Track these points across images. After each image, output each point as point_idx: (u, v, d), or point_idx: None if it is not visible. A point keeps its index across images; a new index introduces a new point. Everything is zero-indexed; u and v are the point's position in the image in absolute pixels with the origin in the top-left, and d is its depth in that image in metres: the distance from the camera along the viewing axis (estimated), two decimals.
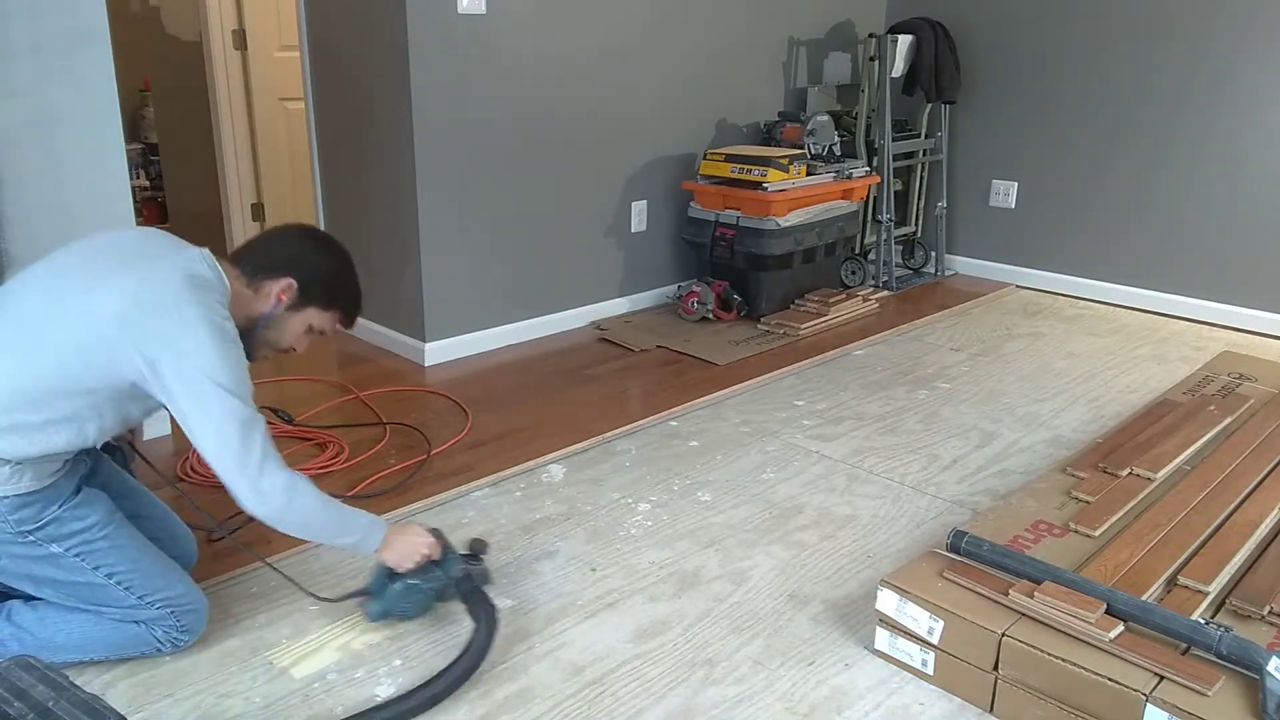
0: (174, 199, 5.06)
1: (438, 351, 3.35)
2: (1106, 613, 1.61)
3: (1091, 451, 2.38)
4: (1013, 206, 4.39)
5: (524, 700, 1.69)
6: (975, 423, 2.90)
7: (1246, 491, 2.13)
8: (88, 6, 2.31)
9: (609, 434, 2.76)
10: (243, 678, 1.73)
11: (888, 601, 1.78)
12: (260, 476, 1.57)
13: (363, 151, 3.37)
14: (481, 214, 3.36)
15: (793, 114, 4.13)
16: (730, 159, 3.71)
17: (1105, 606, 1.62)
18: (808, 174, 3.79)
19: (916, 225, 4.58)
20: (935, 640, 1.72)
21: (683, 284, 3.89)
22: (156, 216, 5.30)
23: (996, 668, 1.65)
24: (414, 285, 3.29)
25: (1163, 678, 1.51)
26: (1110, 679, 1.51)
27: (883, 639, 1.80)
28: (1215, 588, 1.78)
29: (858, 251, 4.33)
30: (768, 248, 3.65)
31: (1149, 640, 1.59)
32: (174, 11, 4.73)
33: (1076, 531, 1.98)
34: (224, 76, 4.35)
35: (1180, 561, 1.85)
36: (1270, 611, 1.70)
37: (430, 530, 1.83)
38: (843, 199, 3.95)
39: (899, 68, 4.20)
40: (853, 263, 4.31)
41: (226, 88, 4.37)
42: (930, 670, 1.74)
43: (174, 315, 1.55)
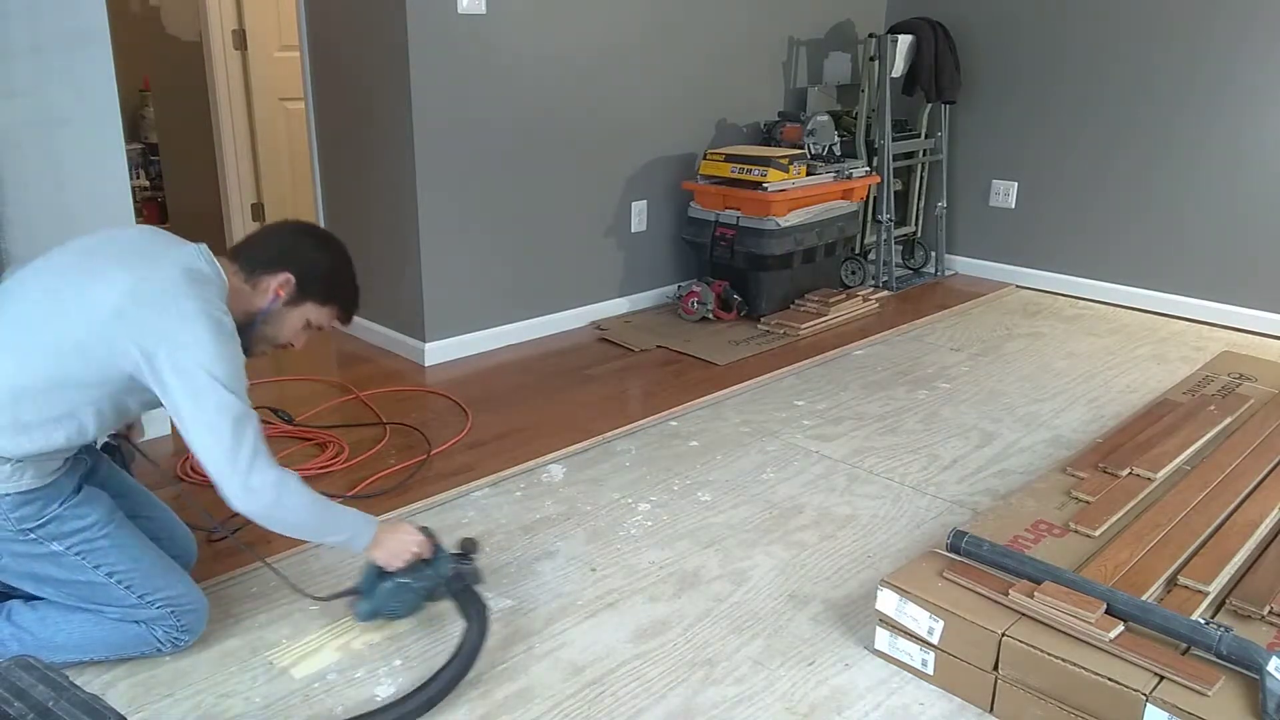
0: (174, 199, 5.06)
1: (438, 351, 3.35)
2: (1106, 613, 1.61)
3: (1091, 451, 2.38)
4: (1013, 206, 4.39)
5: (524, 700, 1.69)
6: (975, 423, 2.90)
7: (1246, 491, 2.13)
8: (88, 6, 2.31)
9: (609, 434, 2.76)
10: (243, 678, 1.73)
11: (888, 601, 1.78)
12: (250, 473, 1.56)
13: (363, 151, 3.37)
14: (481, 214, 3.36)
15: (793, 114, 4.14)
16: (730, 159, 3.71)
17: (1105, 606, 1.62)
18: (808, 174, 3.79)
19: (916, 225, 4.58)
20: (935, 640, 1.72)
21: (683, 284, 3.89)
22: (156, 216, 5.30)
23: (996, 668, 1.65)
24: (414, 285, 3.29)
25: (1163, 678, 1.51)
26: (1110, 679, 1.51)
27: (883, 639, 1.81)
28: (1215, 588, 1.78)
29: (858, 251, 4.33)
30: (768, 248, 3.65)
31: (1149, 640, 1.59)
32: (174, 11, 4.73)
33: (1076, 531, 1.98)
34: (224, 76, 4.36)
35: (1180, 561, 1.85)
36: (1270, 611, 1.70)
37: (420, 529, 1.82)
38: (843, 199, 3.95)
39: (899, 68, 4.20)
40: (853, 263, 4.31)
41: (226, 88, 4.38)
42: (930, 670, 1.74)
43: (172, 309, 1.55)
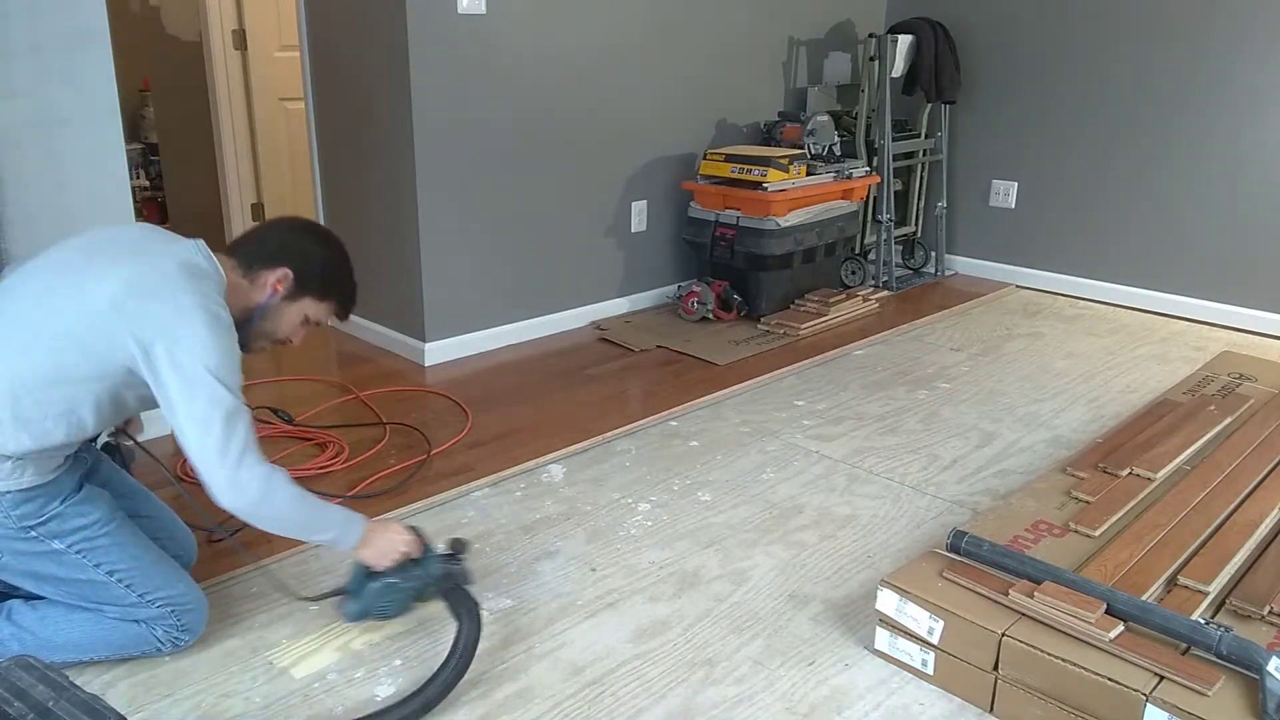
0: (174, 199, 5.06)
1: (438, 351, 3.35)
2: (1106, 613, 1.61)
3: (1091, 451, 2.38)
4: (1013, 206, 4.39)
5: (524, 700, 1.69)
6: (975, 423, 2.90)
7: (1246, 491, 2.13)
8: (88, 6, 2.31)
9: (609, 434, 2.76)
10: (243, 678, 1.73)
11: (888, 601, 1.78)
12: (239, 468, 1.55)
13: (363, 151, 3.37)
14: (481, 214, 3.36)
15: (793, 114, 4.14)
16: (730, 159, 3.71)
17: (1105, 606, 1.62)
18: (808, 174, 3.79)
19: (916, 225, 4.58)
20: (935, 640, 1.72)
21: (683, 284, 3.89)
22: (156, 216, 5.30)
23: (996, 668, 1.65)
24: (414, 285, 3.29)
25: (1163, 678, 1.51)
26: (1110, 679, 1.51)
27: (883, 639, 1.81)
28: (1215, 588, 1.78)
29: (858, 251, 4.33)
30: (768, 248, 3.65)
31: (1149, 640, 1.59)
32: (174, 11, 4.74)
33: (1076, 531, 1.98)
34: (224, 76, 4.36)
35: (1180, 561, 1.85)
36: (1270, 611, 1.70)
37: (409, 528, 1.80)
38: (843, 199, 3.95)
39: (899, 68, 4.20)
40: (853, 263, 4.31)
41: (226, 88, 4.38)
42: (930, 670, 1.74)
43: (169, 302, 1.55)
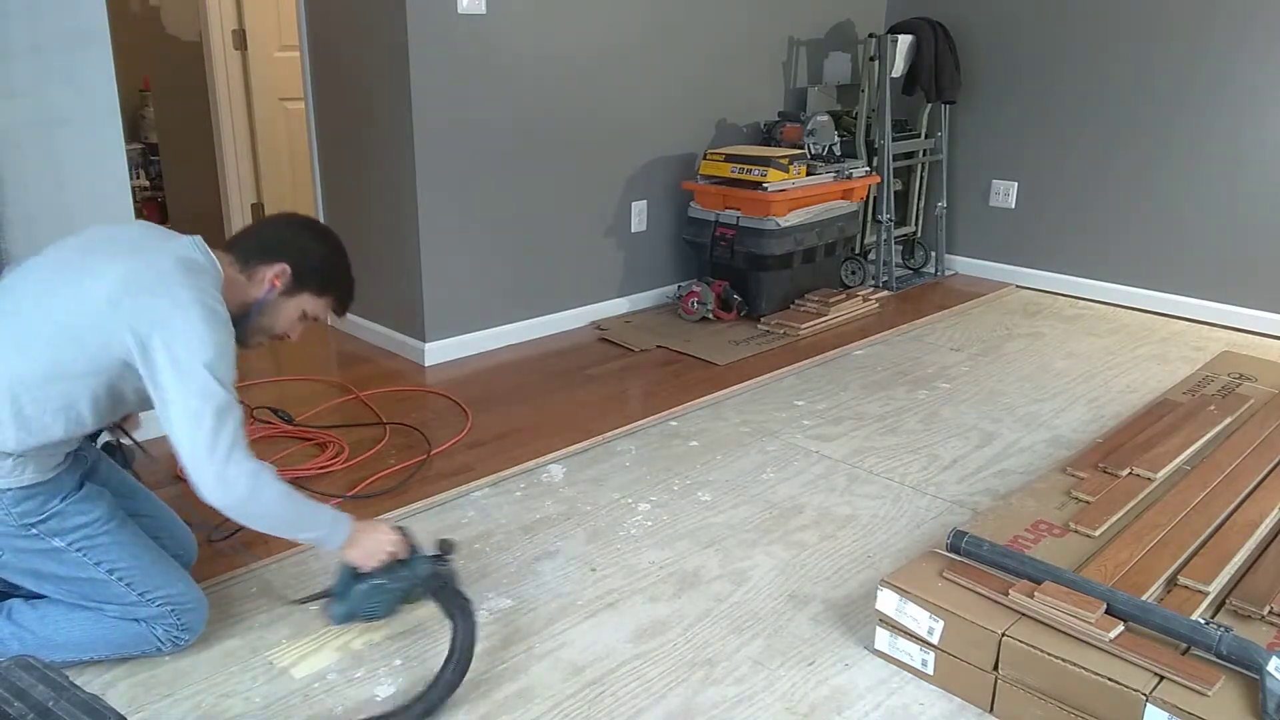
0: (174, 199, 5.06)
1: (438, 351, 3.35)
2: (1106, 613, 1.61)
3: (1091, 451, 2.38)
4: (1013, 206, 4.39)
5: (524, 700, 1.69)
6: (975, 423, 2.90)
7: (1246, 491, 2.13)
8: (88, 6, 2.31)
9: (609, 434, 2.76)
10: (243, 678, 1.73)
11: (888, 601, 1.78)
12: (228, 463, 1.54)
13: (363, 151, 3.37)
14: (481, 214, 3.36)
15: (793, 114, 4.13)
16: (730, 159, 3.71)
17: (1105, 606, 1.62)
18: (808, 174, 3.79)
19: (916, 225, 4.58)
20: (935, 640, 1.72)
21: (683, 284, 3.89)
22: (156, 216, 5.29)
23: (996, 668, 1.65)
24: (414, 285, 3.29)
25: (1163, 678, 1.51)
26: (1110, 679, 1.51)
27: (883, 639, 1.81)
28: (1215, 588, 1.78)
29: (858, 251, 4.33)
30: (768, 248, 3.65)
31: (1149, 640, 1.59)
32: (174, 11, 4.74)
33: (1076, 531, 1.98)
34: (224, 76, 4.36)
35: (1180, 561, 1.85)
36: (1270, 611, 1.70)
37: (396, 528, 1.79)
38: (843, 199, 3.95)
39: (899, 68, 4.20)
40: (853, 263, 4.31)
41: (226, 88, 4.38)
42: (930, 670, 1.74)
43: (166, 296, 1.56)
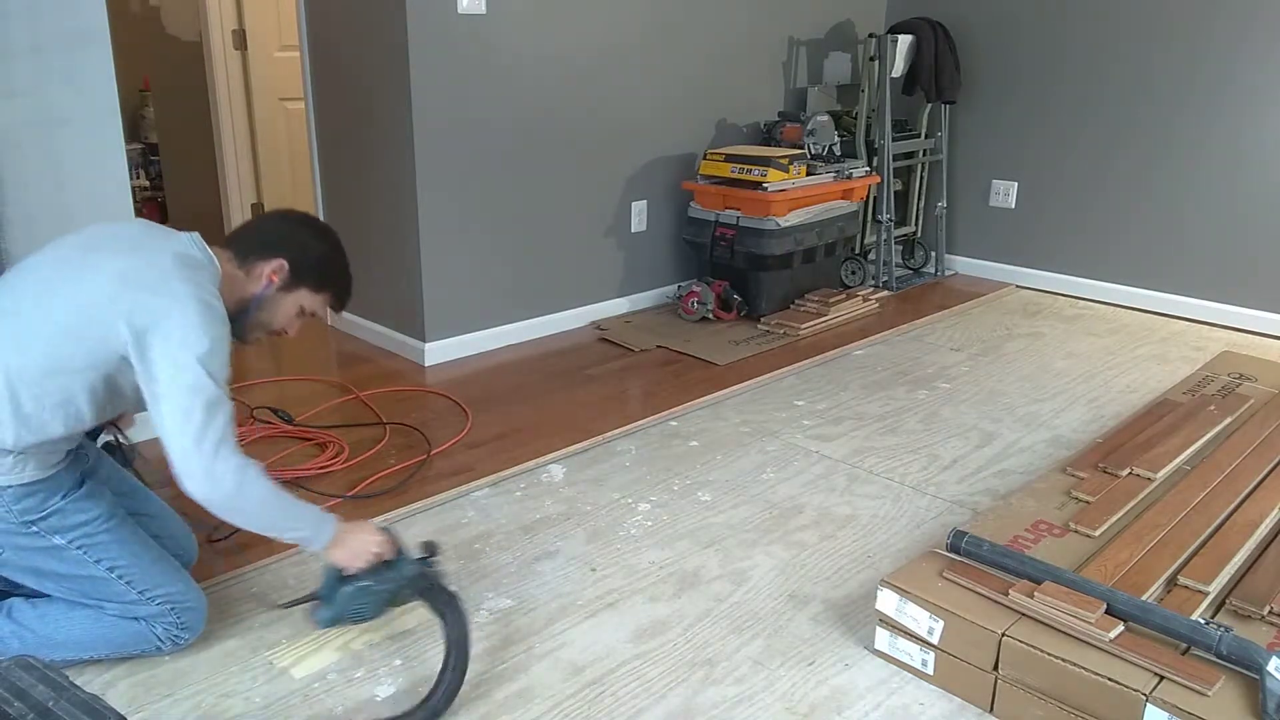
0: (174, 199, 5.06)
1: (438, 351, 3.35)
2: (1106, 613, 1.61)
3: (1091, 451, 2.38)
4: (1013, 206, 4.39)
5: (524, 700, 1.69)
6: (975, 423, 2.90)
7: (1246, 491, 2.13)
8: (88, 6, 2.31)
9: (609, 434, 2.76)
10: (243, 678, 1.73)
11: (888, 601, 1.78)
12: (215, 458, 1.54)
13: (363, 151, 3.37)
14: (481, 214, 3.36)
15: (793, 114, 4.13)
16: (730, 159, 3.71)
17: (1105, 606, 1.62)
18: (808, 174, 3.79)
19: (916, 225, 4.58)
20: (935, 640, 1.72)
21: (683, 284, 3.89)
22: (156, 216, 5.29)
23: (996, 668, 1.65)
24: (414, 285, 3.29)
25: (1163, 678, 1.51)
26: (1110, 679, 1.51)
27: (883, 639, 1.81)
28: (1215, 588, 1.78)
29: (858, 251, 4.33)
30: (768, 248, 3.65)
31: (1149, 640, 1.59)
32: (174, 11, 4.74)
33: (1076, 531, 1.98)
34: (224, 76, 4.36)
35: (1180, 561, 1.85)
36: (1270, 611, 1.70)
37: (381, 529, 1.77)
38: (843, 199, 3.95)
39: (899, 68, 4.20)
40: (853, 263, 4.31)
41: (226, 88, 4.38)
42: (930, 670, 1.74)
43: (163, 290, 1.56)
